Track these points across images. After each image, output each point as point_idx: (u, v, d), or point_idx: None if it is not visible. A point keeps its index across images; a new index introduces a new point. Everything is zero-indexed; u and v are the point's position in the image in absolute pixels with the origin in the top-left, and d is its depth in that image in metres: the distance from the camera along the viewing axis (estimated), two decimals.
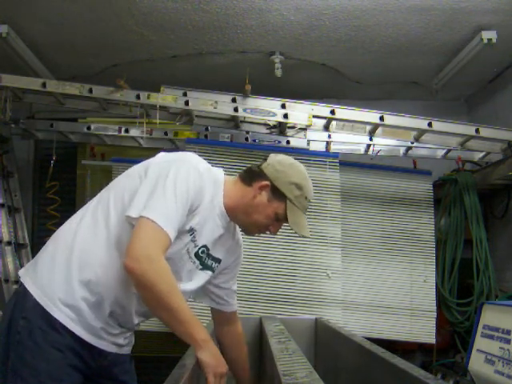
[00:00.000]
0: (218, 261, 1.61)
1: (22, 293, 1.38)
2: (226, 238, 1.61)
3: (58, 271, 1.37)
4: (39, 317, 1.33)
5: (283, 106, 3.09)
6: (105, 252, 1.39)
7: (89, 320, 1.37)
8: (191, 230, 1.44)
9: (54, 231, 1.51)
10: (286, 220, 1.56)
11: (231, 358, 1.68)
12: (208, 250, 1.54)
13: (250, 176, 1.59)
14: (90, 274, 1.37)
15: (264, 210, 1.54)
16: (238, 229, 1.69)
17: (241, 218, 1.58)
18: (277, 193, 1.54)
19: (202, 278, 1.57)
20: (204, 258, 1.54)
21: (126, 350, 1.55)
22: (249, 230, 1.63)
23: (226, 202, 1.53)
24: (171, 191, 1.34)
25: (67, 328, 1.35)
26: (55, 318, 1.34)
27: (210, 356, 1.34)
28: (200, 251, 1.51)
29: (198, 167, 1.45)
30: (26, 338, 1.32)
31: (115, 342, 1.47)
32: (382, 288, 3.37)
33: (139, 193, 1.36)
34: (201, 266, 1.55)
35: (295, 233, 1.59)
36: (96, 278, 1.38)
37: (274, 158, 1.61)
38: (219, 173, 1.59)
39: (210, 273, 1.59)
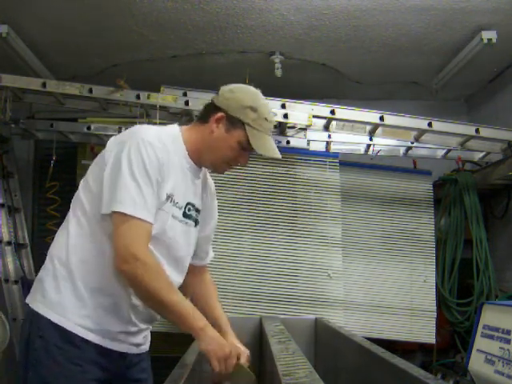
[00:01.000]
0: (199, 211, 1.60)
1: (36, 315, 1.36)
2: (200, 185, 1.62)
3: (65, 288, 1.36)
4: (55, 334, 1.33)
5: (283, 106, 3.08)
6: (101, 255, 1.38)
7: (107, 326, 1.37)
8: (168, 197, 1.43)
9: (54, 231, 1.51)
10: (250, 146, 1.51)
11: (206, 305, 1.67)
12: (194, 205, 1.55)
13: (204, 113, 1.56)
14: (96, 281, 1.37)
15: (226, 142, 1.50)
16: (205, 169, 1.67)
17: (207, 159, 1.54)
18: (233, 121, 1.49)
19: (195, 234, 1.59)
20: (193, 214, 1.55)
21: (144, 349, 1.55)
22: (218, 168, 1.59)
23: (189, 149, 1.52)
24: (129, 176, 1.33)
25: (86, 339, 1.34)
26: (73, 333, 1.33)
27: (209, 342, 1.35)
28: (187, 210, 1.51)
29: (148, 138, 1.40)
30: (43, 357, 1.32)
31: (133, 343, 1.47)
32: (382, 288, 3.37)
33: (104, 187, 1.35)
34: (193, 223, 1.56)
35: (265, 158, 1.58)
36: (103, 282, 1.37)
37: (224, 88, 1.56)
38: (174, 127, 1.56)
39: (198, 226, 1.60)
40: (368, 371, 1.70)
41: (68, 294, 1.35)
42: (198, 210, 1.58)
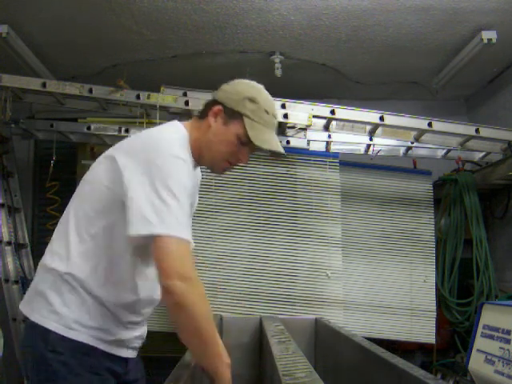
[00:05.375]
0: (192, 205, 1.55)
1: (42, 330, 1.30)
2: (197, 183, 1.60)
3: (71, 302, 1.31)
4: (68, 347, 1.29)
5: (283, 106, 3.08)
6: (112, 268, 1.34)
7: (116, 335, 1.36)
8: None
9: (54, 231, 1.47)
10: (250, 140, 1.43)
11: None
12: (193, 206, 1.54)
13: (204, 109, 1.50)
14: (105, 294, 1.34)
15: (224, 136, 1.43)
16: None
17: (205, 157, 1.46)
18: (231, 113, 1.43)
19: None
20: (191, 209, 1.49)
21: (137, 353, 1.55)
22: (217, 166, 1.50)
23: (193, 150, 1.44)
24: (170, 195, 1.24)
25: (99, 349, 1.33)
26: (86, 344, 1.31)
27: (223, 368, 1.31)
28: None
29: (180, 154, 1.31)
30: (61, 371, 1.28)
31: (134, 347, 1.47)
32: (382, 288, 3.37)
33: (135, 204, 1.24)
34: (191, 216, 1.52)
35: (267, 152, 1.48)
36: (112, 294, 1.35)
37: (225, 84, 1.51)
38: (182, 129, 1.45)
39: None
40: (368, 371, 1.70)
41: (76, 308, 1.31)
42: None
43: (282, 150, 1.49)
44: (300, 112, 3.09)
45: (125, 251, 1.34)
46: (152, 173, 1.26)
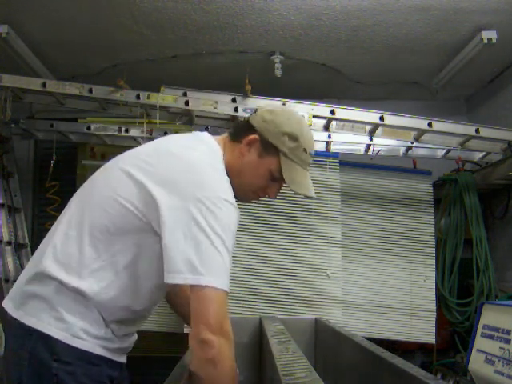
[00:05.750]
0: None
1: (44, 337, 1.22)
2: None
3: (79, 312, 1.24)
4: (73, 356, 1.23)
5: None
6: (129, 291, 1.29)
7: (121, 344, 1.34)
8: None
9: None
10: (282, 179, 1.38)
11: (186, 313, 1.54)
12: None
13: (238, 131, 1.41)
14: (117, 314, 1.30)
15: (256, 168, 1.37)
16: None
17: (235, 184, 1.35)
18: (268, 146, 1.36)
19: None
20: None
21: None
22: (244, 196, 1.45)
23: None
24: (219, 241, 1.16)
25: (104, 357, 1.28)
26: (92, 353, 1.25)
27: None
28: None
29: (229, 198, 1.25)
30: (65, 380, 1.22)
31: (128, 352, 1.44)
32: (382, 288, 3.36)
33: (179, 246, 1.15)
34: None
35: (297, 195, 1.40)
36: (123, 314, 1.31)
37: (265, 108, 1.42)
38: (217, 148, 1.37)
39: None
40: (368, 371, 1.70)
41: (81, 317, 1.24)
42: None
43: (313, 195, 1.44)
44: (300, 112, 3.09)
45: (148, 280, 1.29)
46: (201, 213, 1.16)
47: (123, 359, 1.39)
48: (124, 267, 1.26)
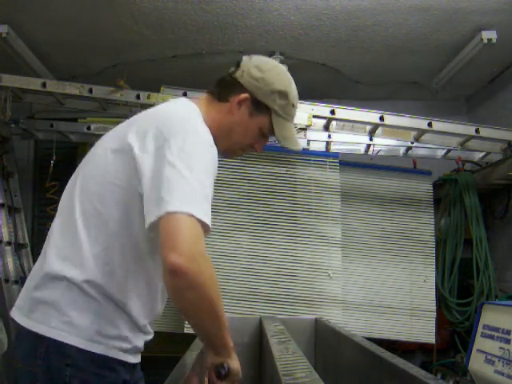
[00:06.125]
0: None
1: (57, 343, 1.14)
2: None
3: (92, 312, 1.17)
4: (88, 361, 1.15)
5: None
6: (137, 272, 1.22)
7: (136, 342, 1.25)
8: None
9: None
10: (272, 134, 1.38)
11: None
12: None
13: (225, 89, 1.37)
14: (132, 304, 1.21)
15: (247, 127, 1.35)
16: None
17: (222, 144, 1.33)
18: (259, 105, 1.34)
19: None
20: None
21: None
22: (232, 153, 1.43)
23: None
24: (189, 173, 1.09)
25: (120, 360, 1.20)
26: (108, 357, 1.17)
27: (237, 363, 1.30)
28: None
29: (207, 135, 1.20)
30: None
31: (141, 352, 1.35)
32: (382, 288, 3.37)
33: (148, 190, 1.10)
34: None
35: (283, 147, 1.39)
36: (138, 302, 1.23)
37: (249, 63, 1.37)
38: (194, 107, 1.31)
39: None
40: (368, 371, 1.70)
41: (95, 317, 1.16)
42: None
43: (300, 148, 1.44)
44: (300, 112, 3.09)
45: (150, 253, 1.22)
46: (170, 150, 1.10)
47: (137, 359, 1.30)
48: (123, 244, 1.20)
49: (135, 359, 1.27)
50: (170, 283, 1.07)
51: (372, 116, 3.11)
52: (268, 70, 1.36)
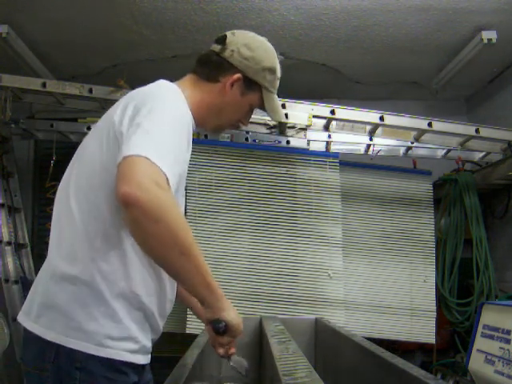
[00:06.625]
0: None
1: (66, 349, 1.12)
2: None
3: (98, 313, 1.13)
4: (97, 364, 1.13)
5: (283, 106, 3.08)
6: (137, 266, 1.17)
7: (144, 341, 1.22)
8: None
9: None
10: (260, 108, 1.42)
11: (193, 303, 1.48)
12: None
13: (213, 69, 1.38)
14: (133, 297, 1.17)
15: (239, 105, 1.38)
16: None
17: (211, 122, 1.39)
18: (250, 83, 1.36)
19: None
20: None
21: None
22: (221, 130, 1.48)
23: (194, 112, 1.29)
24: (171, 124, 1.09)
25: (130, 362, 1.17)
26: (117, 360, 1.15)
27: (234, 313, 1.21)
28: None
29: (179, 104, 1.22)
30: None
31: (150, 352, 1.32)
32: (382, 288, 3.37)
33: (122, 136, 1.08)
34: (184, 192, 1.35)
35: (270, 120, 1.46)
36: (139, 293, 1.18)
37: (237, 41, 1.39)
38: (171, 84, 1.31)
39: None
40: (368, 371, 1.70)
41: (104, 320, 1.13)
42: None
43: (284, 119, 1.45)
44: (300, 112, 3.09)
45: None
46: (140, 112, 1.10)
47: (147, 360, 1.27)
48: (118, 228, 1.15)
49: (144, 360, 1.24)
50: (126, 217, 1.02)
51: (372, 116, 3.11)
52: (257, 48, 1.40)
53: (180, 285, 1.15)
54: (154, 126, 1.07)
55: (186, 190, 1.39)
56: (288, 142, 3.42)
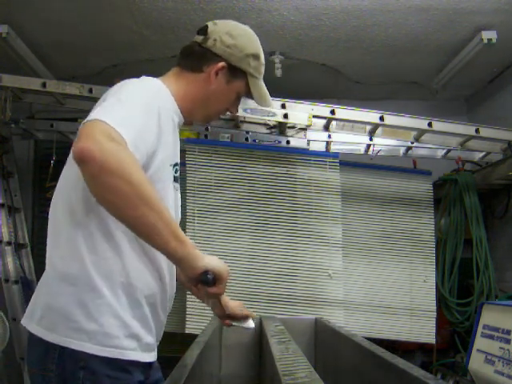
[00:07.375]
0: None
1: (66, 351, 1.13)
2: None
3: (100, 313, 1.13)
4: (101, 364, 1.13)
5: (283, 106, 3.08)
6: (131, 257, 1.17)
7: (147, 339, 1.21)
8: (173, 163, 1.26)
9: None
10: (248, 96, 1.43)
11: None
12: (179, 165, 1.34)
13: (196, 60, 1.39)
14: (132, 292, 1.17)
15: (225, 94, 1.38)
16: None
17: (199, 113, 1.40)
18: (234, 71, 1.36)
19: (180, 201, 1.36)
20: (178, 175, 1.32)
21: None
22: (209, 119, 1.48)
23: (181, 105, 1.31)
24: (126, 100, 1.14)
25: (134, 361, 1.17)
26: (120, 359, 1.15)
27: (215, 259, 1.16)
28: (175, 171, 1.29)
29: (152, 88, 1.27)
30: None
31: (155, 349, 1.31)
32: (382, 288, 3.37)
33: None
34: (178, 185, 1.35)
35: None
36: (139, 288, 1.19)
37: (219, 30, 1.37)
38: (153, 80, 1.34)
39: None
40: (368, 371, 1.70)
41: (104, 319, 1.13)
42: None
43: (272, 104, 1.45)
44: (300, 112, 3.09)
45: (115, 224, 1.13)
46: (109, 94, 1.18)
47: (152, 357, 1.26)
48: (109, 222, 1.15)
49: (149, 357, 1.23)
50: (83, 175, 1.01)
51: (372, 116, 3.11)
52: (239, 36, 1.38)
53: (148, 242, 1.10)
54: (120, 103, 1.12)
55: (185, 190, 1.40)
56: (288, 141, 3.42)
